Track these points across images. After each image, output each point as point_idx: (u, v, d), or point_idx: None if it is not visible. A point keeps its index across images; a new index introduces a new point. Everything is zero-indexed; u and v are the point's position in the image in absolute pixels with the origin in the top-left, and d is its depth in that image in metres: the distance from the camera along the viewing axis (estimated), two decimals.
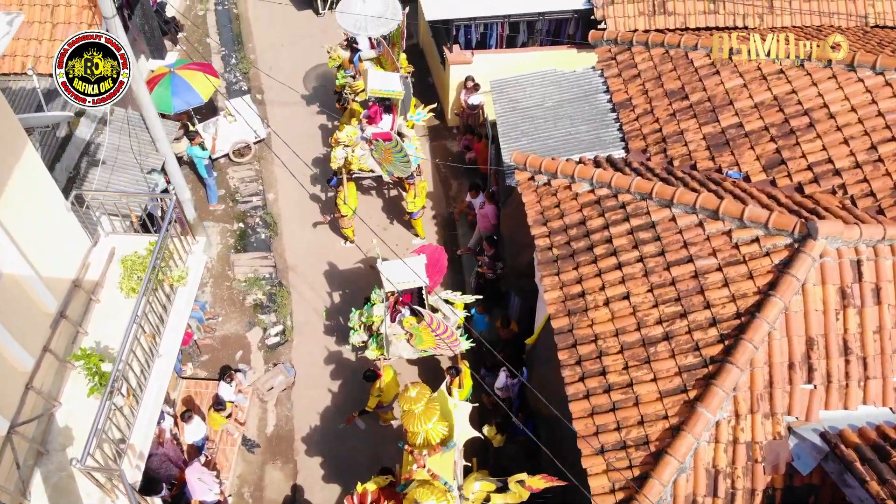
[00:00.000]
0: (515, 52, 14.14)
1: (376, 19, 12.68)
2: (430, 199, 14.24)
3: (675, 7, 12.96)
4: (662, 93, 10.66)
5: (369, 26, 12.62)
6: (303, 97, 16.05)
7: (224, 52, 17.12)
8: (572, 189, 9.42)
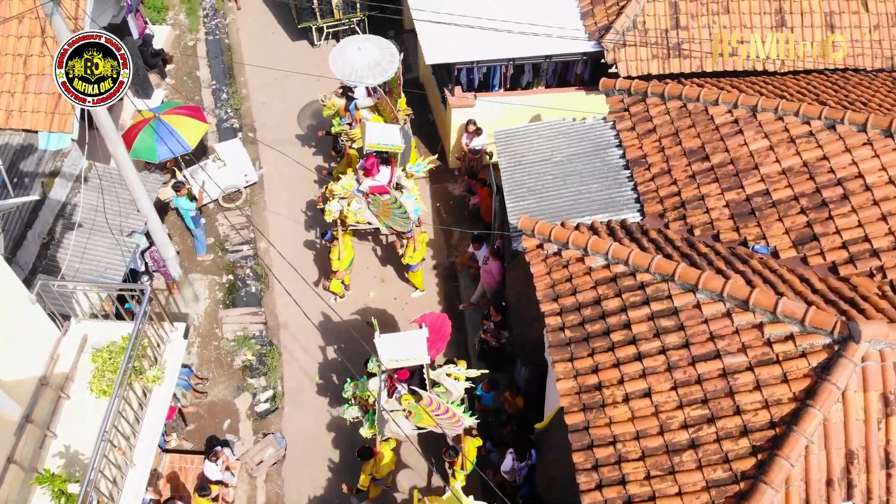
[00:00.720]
0: (520, 95, 13.51)
1: (373, 67, 12.01)
2: (431, 246, 13.60)
3: (691, 51, 12.31)
4: (680, 151, 10.03)
5: (366, 75, 11.96)
6: (297, 136, 15.43)
7: (215, 87, 16.48)
8: (585, 262, 8.77)
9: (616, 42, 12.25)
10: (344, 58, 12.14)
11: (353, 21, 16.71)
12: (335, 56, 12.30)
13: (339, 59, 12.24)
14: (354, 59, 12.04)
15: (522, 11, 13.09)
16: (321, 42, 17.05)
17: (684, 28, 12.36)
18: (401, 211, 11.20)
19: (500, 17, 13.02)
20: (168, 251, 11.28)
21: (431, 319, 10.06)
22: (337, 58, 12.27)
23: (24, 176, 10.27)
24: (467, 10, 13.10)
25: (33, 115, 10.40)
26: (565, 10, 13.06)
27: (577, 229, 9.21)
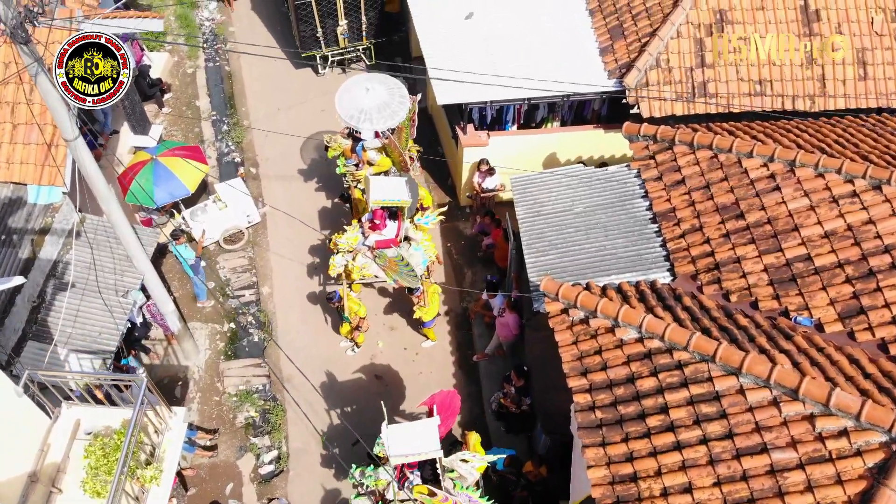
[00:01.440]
0: (535, 134, 12.99)
1: (382, 109, 11.48)
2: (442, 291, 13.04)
3: (717, 89, 11.82)
4: (712, 206, 9.50)
5: (374, 118, 11.43)
6: (301, 171, 14.91)
7: (215, 117, 15.94)
8: (616, 334, 8.24)
9: (638, 81, 11.73)
10: (351, 99, 11.60)
11: (359, 49, 16.17)
12: (342, 96, 11.77)
13: (345, 100, 11.70)
14: (362, 101, 11.51)
15: (538, 48, 12.64)
16: (326, 70, 16.53)
17: (710, 66, 11.88)
18: (408, 268, 10.67)
19: (515, 53, 12.57)
20: (167, 306, 10.75)
21: (441, 399, 9.51)
22: (343, 98, 11.73)
23: (12, 233, 9.75)
24: (480, 46, 12.66)
25: (21, 167, 9.89)
26: (583, 46, 12.59)
27: (606, 294, 8.70)
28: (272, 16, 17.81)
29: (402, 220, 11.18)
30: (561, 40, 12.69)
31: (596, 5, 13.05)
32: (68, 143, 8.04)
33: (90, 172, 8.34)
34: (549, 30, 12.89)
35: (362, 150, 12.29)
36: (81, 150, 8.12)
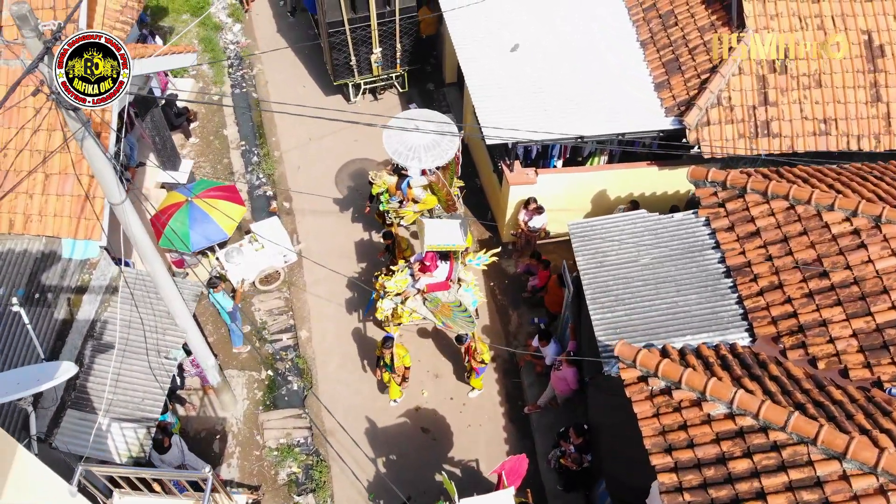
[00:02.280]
0: (585, 172, 12.56)
1: (432, 148, 11.06)
2: (486, 333, 12.63)
3: (780, 128, 11.40)
4: (791, 262, 9.07)
5: (423, 157, 11.00)
6: (335, 204, 14.48)
7: (244, 147, 15.51)
8: (703, 409, 7.80)
9: (699, 120, 11.30)
10: (400, 136, 11.18)
11: (392, 76, 15.75)
12: (389, 132, 11.34)
13: (393, 137, 11.28)
14: (411, 138, 11.09)
15: (589, 81, 12.22)
16: (357, 98, 16.08)
17: (773, 104, 11.47)
18: (464, 314, 10.23)
19: (565, 87, 12.16)
20: (208, 360, 10.32)
21: (510, 466, 9.07)
22: (391, 135, 11.30)
23: (46, 291, 9.32)
24: (528, 80, 12.24)
25: (55, 219, 9.45)
26: (637, 80, 12.20)
27: (685, 359, 8.27)
28: (299, 39, 17.40)
29: (455, 261, 10.74)
30: (613, 73, 12.30)
31: (648, 37, 12.65)
32: (114, 206, 7.60)
33: (137, 236, 7.93)
34: (599, 62, 12.50)
35: (408, 187, 11.86)
36: (129, 214, 7.68)
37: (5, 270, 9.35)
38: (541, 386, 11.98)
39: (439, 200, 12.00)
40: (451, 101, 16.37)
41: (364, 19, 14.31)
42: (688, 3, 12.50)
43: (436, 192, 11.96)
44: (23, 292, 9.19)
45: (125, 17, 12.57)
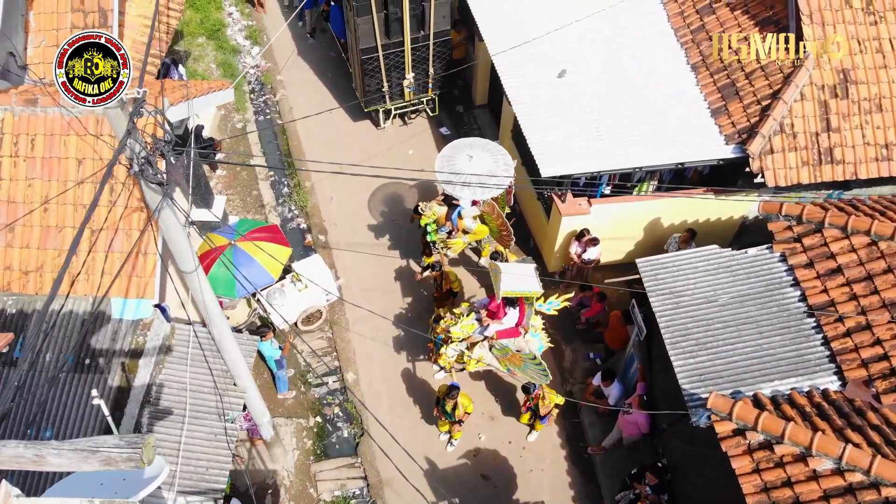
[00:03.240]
0: (640, 201, 12.33)
1: (485, 178, 10.84)
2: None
3: (843, 155, 11.29)
4: (878, 302, 8.95)
5: (475, 193, 10.79)
6: (373, 233, 14.25)
7: (273, 178, 15.18)
8: (809, 464, 7.63)
9: (762, 148, 11.14)
10: (453, 165, 10.97)
11: (423, 100, 15.50)
12: (442, 162, 11.15)
13: (446, 166, 11.06)
14: (465, 168, 10.90)
15: (642, 107, 12.04)
16: (387, 124, 15.81)
17: (836, 130, 11.34)
18: (537, 364, 9.98)
19: (618, 113, 11.96)
20: (264, 417, 10.02)
21: None
22: (444, 164, 11.09)
23: (97, 355, 8.96)
24: (579, 108, 12.03)
25: (104, 278, 9.08)
26: (692, 106, 12.01)
27: (784, 415, 8.09)
28: (321, 62, 17.11)
29: (526, 306, 10.50)
30: (667, 98, 12.13)
31: (699, 59, 12.49)
32: (187, 274, 7.30)
33: (209, 303, 7.62)
34: (651, 86, 12.31)
35: (458, 217, 11.62)
36: (202, 282, 7.38)
37: (52, 335, 8.98)
38: (602, 426, 11.78)
39: (491, 231, 11.77)
40: (483, 123, 16.14)
41: (398, 44, 14.05)
42: (740, 26, 12.35)
43: (487, 222, 11.73)
44: (72, 359, 8.85)
45: (155, 50, 12.25)
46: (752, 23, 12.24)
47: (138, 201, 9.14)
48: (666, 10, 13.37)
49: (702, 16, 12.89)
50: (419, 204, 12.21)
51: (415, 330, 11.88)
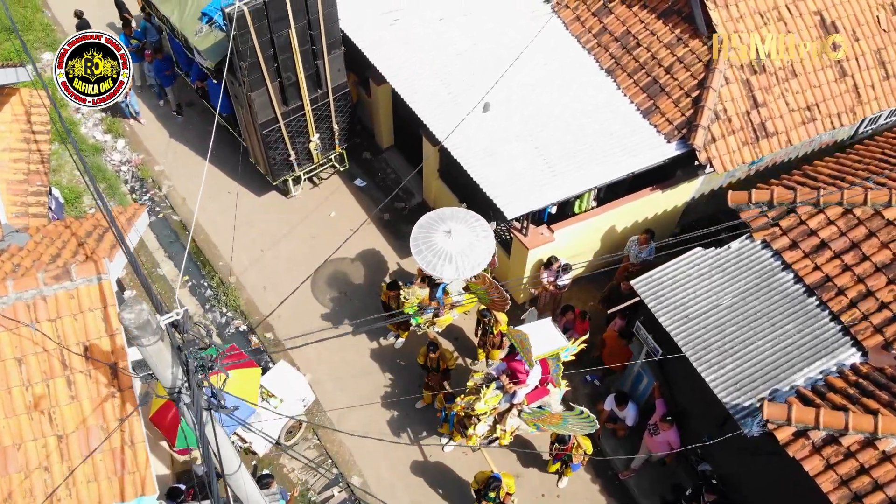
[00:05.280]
0: (598, 214, 12.53)
1: (468, 253, 10.56)
2: None
3: (775, 126, 12.07)
4: (871, 267, 9.63)
5: (461, 264, 10.49)
6: (323, 312, 13.49)
7: (190, 283, 13.97)
8: (878, 448, 8.08)
9: (706, 139, 11.65)
10: (431, 246, 10.57)
11: (332, 158, 14.87)
12: (419, 244, 10.71)
13: (424, 249, 10.63)
14: (445, 245, 10.51)
15: (576, 124, 12.24)
16: (298, 191, 15.02)
17: (763, 105, 12.08)
18: (581, 416, 9.88)
19: (558, 136, 12.07)
20: None
21: None
22: (422, 247, 10.66)
23: None
24: (518, 140, 12.00)
25: (89, 486, 7.90)
26: (623, 112, 12.36)
27: (834, 404, 8.52)
28: (200, 139, 15.97)
29: (549, 361, 10.33)
30: (596, 110, 12.36)
31: (612, 63, 12.84)
32: (230, 476, 6.53)
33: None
34: (577, 101, 12.51)
35: (443, 293, 11.25)
36: (246, 482, 6.62)
37: None
38: (625, 450, 11.92)
39: (480, 298, 11.50)
40: (396, 166, 15.77)
41: (297, 109, 13.35)
42: (641, 21, 12.81)
43: (474, 290, 11.45)
44: None
45: (37, 185, 10.83)
46: (654, 16, 12.74)
47: (106, 387, 8.01)
48: (561, 19, 13.64)
49: (599, 18, 13.27)
50: (402, 294, 11.61)
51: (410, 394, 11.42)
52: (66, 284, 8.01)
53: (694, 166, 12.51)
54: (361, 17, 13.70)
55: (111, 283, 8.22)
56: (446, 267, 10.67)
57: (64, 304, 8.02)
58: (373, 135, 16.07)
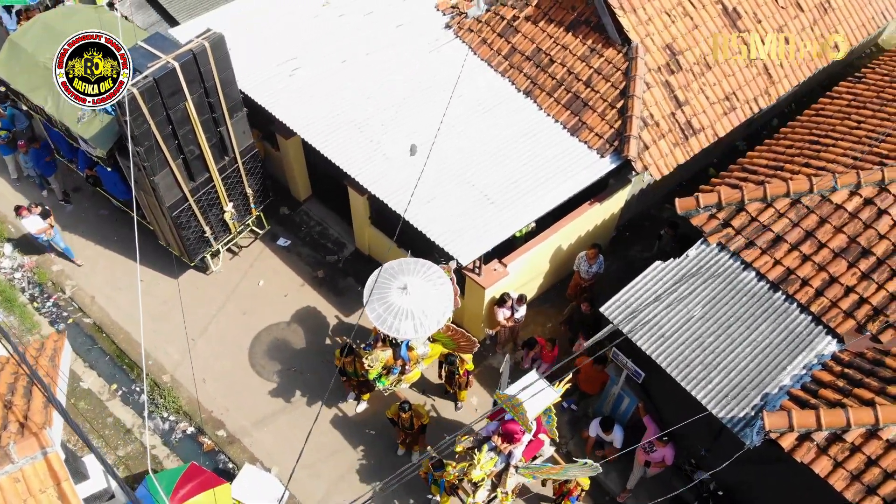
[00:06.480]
0: (544, 240, 12.36)
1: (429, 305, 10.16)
2: None
3: (700, 122, 12.33)
4: (829, 254, 9.93)
5: (423, 320, 10.10)
6: (273, 394, 12.76)
7: (120, 392, 12.88)
8: (881, 437, 8.29)
9: (639, 148, 11.73)
10: (388, 307, 10.10)
11: (250, 223, 14.09)
12: (375, 308, 10.21)
13: (383, 312, 10.15)
14: (404, 304, 10.07)
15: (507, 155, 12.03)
16: (218, 265, 14.13)
17: (685, 103, 12.30)
18: (584, 465, 9.66)
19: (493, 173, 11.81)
20: None
21: None
22: (380, 310, 10.16)
23: None
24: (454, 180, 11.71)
25: None
26: (551, 133, 12.28)
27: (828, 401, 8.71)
28: (96, 227, 14.83)
29: (542, 418, 10.06)
30: (524, 136, 12.24)
31: (529, 83, 12.72)
32: None
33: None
34: (501, 129, 12.32)
35: (407, 349, 10.80)
36: None
37: None
38: (619, 472, 11.88)
39: (445, 345, 11.13)
40: (320, 217, 15.15)
41: (206, 182, 12.52)
42: (550, 36, 12.76)
43: (438, 338, 11.06)
44: None
45: None
46: (563, 30, 12.73)
47: None
48: (467, 44, 13.42)
49: (507, 38, 13.15)
50: (366, 361, 11.02)
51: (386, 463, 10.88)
52: (7, 468, 7.06)
53: (625, 173, 12.58)
54: (258, 72, 13.02)
55: (59, 455, 7.31)
56: (409, 325, 10.24)
57: (10, 490, 7.05)
58: (287, 189, 15.36)
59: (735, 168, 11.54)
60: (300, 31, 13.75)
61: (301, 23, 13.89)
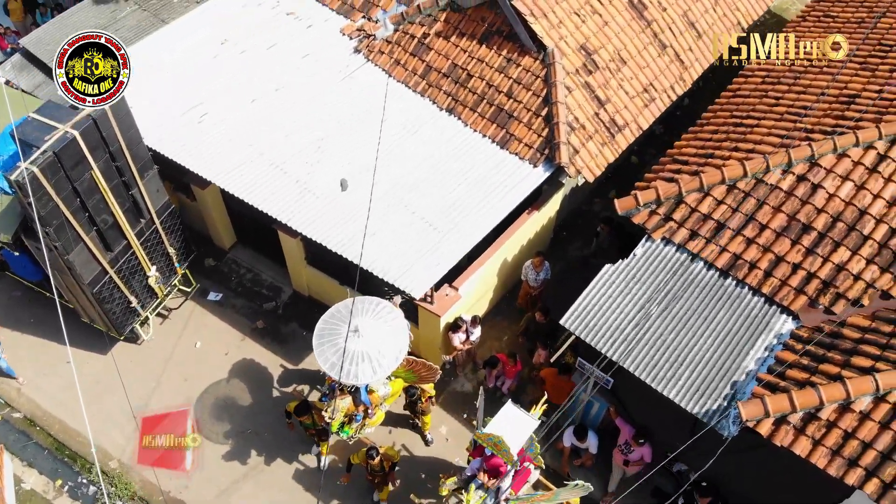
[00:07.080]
0: (489, 256, 12.23)
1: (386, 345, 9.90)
2: None
3: (623, 118, 12.50)
4: (772, 235, 10.21)
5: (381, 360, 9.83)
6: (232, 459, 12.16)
7: (67, 487, 12.02)
8: (855, 409, 8.57)
9: (570, 153, 11.77)
10: (341, 353, 9.76)
11: (177, 283, 13.40)
12: (327, 356, 9.86)
13: (337, 361, 9.81)
14: (358, 348, 9.79)
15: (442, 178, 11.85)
16: (149, 333, 13.38)
17: (606, 101, 12.43)
18: (575, 487, 9.59)
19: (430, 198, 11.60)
20: None
21: None
22: (333, 359, 9.82)
23: None
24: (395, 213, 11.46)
25: None
26: (481, 149, 12.18)
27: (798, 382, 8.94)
28: (10, 311, 13.75)
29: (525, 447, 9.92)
30: (456, 157, 12.09)
31: (450, 101, 12.57)
32: None
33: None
34: (430, 151, 12.13)
35: (367, 392, 10.49)
36: None
37: None
38: (597, 478, 11.90)
39: (406, 379, 10.88)
40: (250, 263, 14.55)
41: (125, 249, 11.81)
42: (465, 50, 12.64)
43: (399, 374, 10.79)
44: None
45: None
46: (475, 43, 12.63)
47: None
48: (380, 66, 13.14)
49: (420, 57, 12.95)
50: (325, 414, 10.59)
51: None
52: None
53: (557, 176, 12.60)
54: (164, 124, 12.38)
55: None
56: (367, 368, 9.95)
57: None
58: (210, 238, 14.69)
59: (666, 160, 11.72)
60: (202, 73, 13.17)
61: (202, 65, 13.30)
